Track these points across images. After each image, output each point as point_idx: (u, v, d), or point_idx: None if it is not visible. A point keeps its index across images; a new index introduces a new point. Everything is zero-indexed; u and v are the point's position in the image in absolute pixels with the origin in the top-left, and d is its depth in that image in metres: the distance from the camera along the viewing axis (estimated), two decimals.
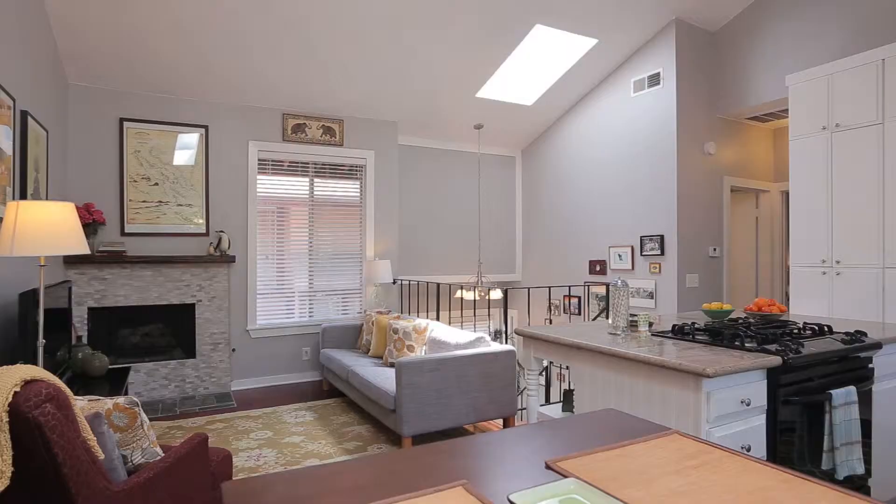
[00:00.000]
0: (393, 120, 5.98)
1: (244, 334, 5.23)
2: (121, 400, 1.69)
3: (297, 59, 4.66)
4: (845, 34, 4.24)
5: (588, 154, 6.01)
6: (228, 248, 4.97)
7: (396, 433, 3.66)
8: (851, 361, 2.28)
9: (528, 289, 5.24)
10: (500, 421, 4.01)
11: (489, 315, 5.38)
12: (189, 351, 4.92)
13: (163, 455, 1.74)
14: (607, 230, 5.75)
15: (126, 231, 4.72)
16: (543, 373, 5.41)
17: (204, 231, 5.02)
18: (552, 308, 6.43)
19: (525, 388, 2.71)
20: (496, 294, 5.33)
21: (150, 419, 4.20)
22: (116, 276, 4.59)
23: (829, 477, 2.14)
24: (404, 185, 6.42)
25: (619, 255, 5.55)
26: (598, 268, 5.84)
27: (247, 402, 4.69)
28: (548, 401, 4.94)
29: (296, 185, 5.55)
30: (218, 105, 5.11)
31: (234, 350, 5.16)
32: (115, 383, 3.45)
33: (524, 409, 4.79)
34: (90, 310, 4.50)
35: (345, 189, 5.80)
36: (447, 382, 3.48)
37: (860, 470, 2.13)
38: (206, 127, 5.04)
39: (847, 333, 2.39)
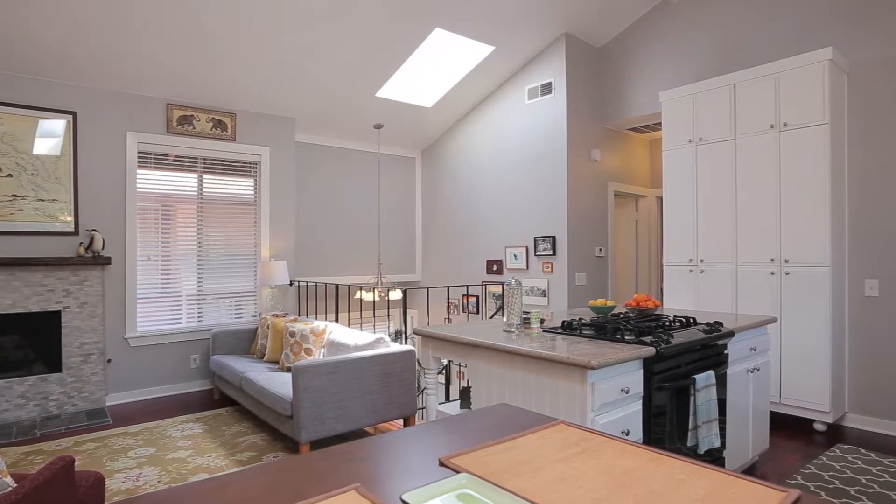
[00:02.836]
0: (290, 116, 5.77)
1: (122, 343, 4.76)
2: None
3: (185, 44, 4.33)
4: (707, 58, 4.77)
5: (486, 157, 6.20)
6: (102, 248, 4.50)
7: (294, 440, 3.54)
8: (711, 349, 2.57)
9: (428, 289, 5.30)
10: (401, 421, 4.02)
11: (389, 316, 5.37)
12: (53, 364, 4.38)
13: (15, 486, 1.54)
14: (504, 231, 5.97)
15: None
16: (443, 371, 5.50)
17: (72, 230, 4.50)
18: (451, 307, 6.56)
19: (425, 388, 2.74)
20: (396, 294, 5.33)
21: (1, 445, 3.69)
22: None
23: (693, 452, 2.39)
24: (302, 183, 6.22)
25: (515, 256, 5.80)
26: (495, 267, 6.06)
27: (125, 418, 4.28)
28: (447, 399, 5.03)
29: (182, 182, 5.16)
30: (90, 90, 4.61)
31: (109, 361, 4.68)
32: None
33: (424, 408, 4.83)
34: None
35: (237, 187, 5.50)
36: (346, 385, 3.42)
37: (717, 444, 2.40)
38: (74, 113, 4.52)
39: (707, 324, 2.68)
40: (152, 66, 4.52)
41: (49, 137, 4.42)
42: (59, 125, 4.46)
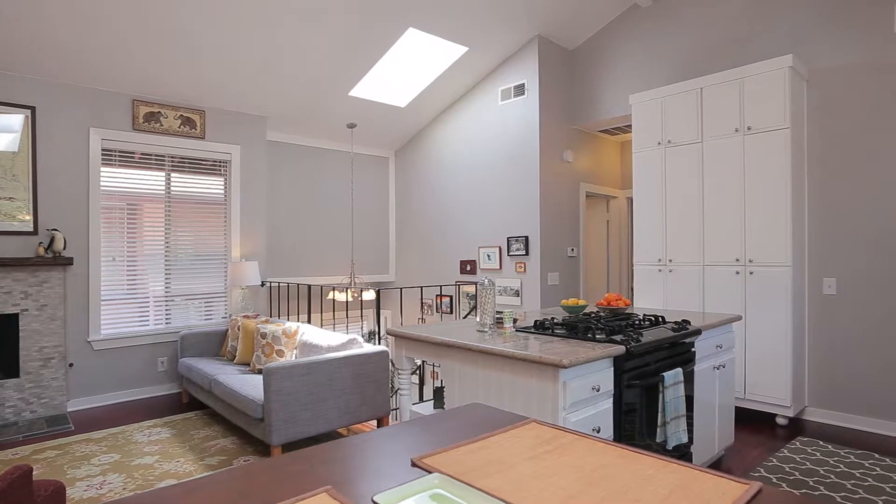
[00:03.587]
0: (261, 115, 5.67)
1: (85, 346, 4.61)
2: None
3: (153, 38, 4.22)
4: (676, 62, 4.88)
5: (459, 157, 6.22)
6: (64, 248, 4.35)
7: (265, 443, 3.48)
8: (679, 346, 2.63)
9: (401, 289, 5.29)
10: (375, 422, 4.00)
11: (362, 316, 5.34)
12: (10, 370, 4.21)
13: None
14: (477, 231, 6.00)
15: None
16: (417, 372, 5.50)
17: (31, 229, 4.34)
18: (425, 308, 6.56)
19: (399, 388, 2.73)
20: (369, 295, 5.31)
21: None
22: None
23: (662, 448, 2.45)
24: (274, 182, 6.12)
25: (488, 256, 5.83)
26: (468, 268, 6.08)
27: (88, 424, 4.15)
28: (421, 399, 5.02)
29: (149, 180, 5.02)
30: (50, 84, 4.45)
31: (71, 365, 4.53)
32: None
33: (398, 409, 4.83)
34: None
35: (207, 185, 5.38)
36: (319, 386, 3.39)
37: (685, 439, 2.46)
38: (32, 108, 4.36)
39: (676, 323, 2.75)
40: (117, 61, 4.39)
41: (6, 133, 4.24)
42: (16, 120, 4.29)
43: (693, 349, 2.75)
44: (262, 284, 5.65)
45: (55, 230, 4.34)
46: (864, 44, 3.83)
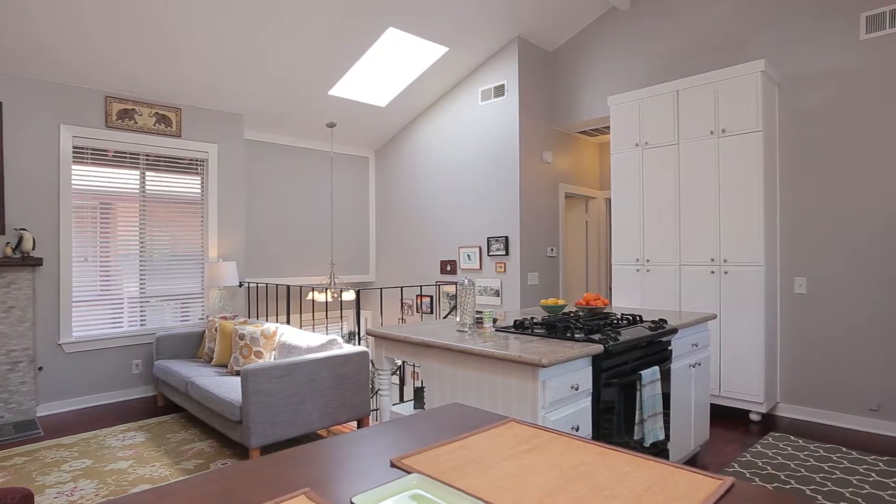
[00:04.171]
0: (239, 112, 5.60)
1: (55, 349, 4.49)
2: None
3: (127, 33, 4.12)
4: (653, 65, 4.95)
5: (439, 157, 6.22)
6: (33, 248, 4.23)
7: (244, 446, 3.44)
8: (656, 345, 2.67)
9: (381, 289, 5.27)
10: (355, 423, 3.97)
11: (342, 317, 5.30)
12: None
13: None
14: (457, 231, 6.01)
15: None
16: (397, 372, 5.48)
17: None
18: (405, 308, 6.55)
19: (379, 389, 2.72)
20: (349, 295, 5.27)
21: None
22: None
23: (639, 445, 2.48)
24: (252, 182, 6.05)
25: (469, 256, 5.84)
26: (448, 268, 6.08)
27: (58, 429, 4.04)
28: (402, 400, 5.02)
29: (123, 179, 4.91)
30: (18, 78, 4.32)
31: (40, 369, 4.41)
32: None
33: (378, 409, 4.81)
34: None
35: (183, 184, 5.29)
36: (298, 388, 3.36)
37: (662, 436, 2.50)
38: None
39: (653, 321, 2.79)
40: (90, 56, 4.29)
41: None
42: None
43: (670, 348, 2.80)
44: (241, 285, 5.57)
45: (23, 230, 4.22)
46: (833, 50, 3.94)
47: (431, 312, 6.23)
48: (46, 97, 4.46)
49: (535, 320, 2.76)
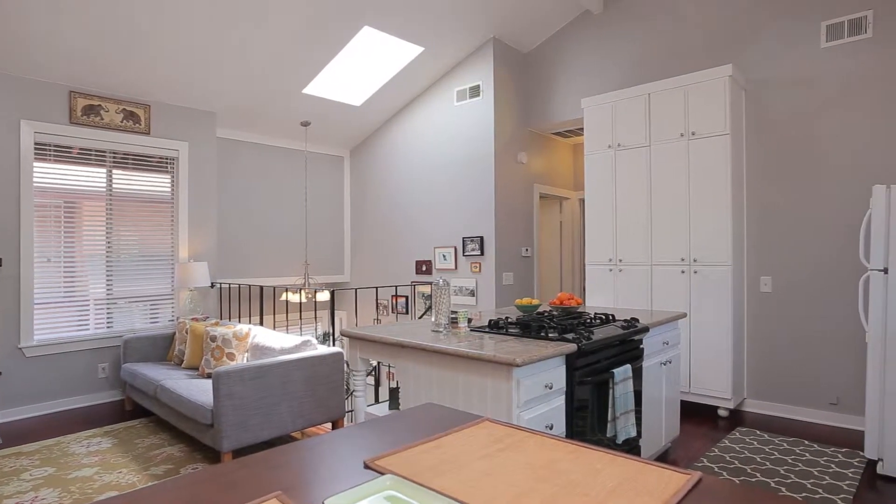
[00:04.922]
0: (211, 110, 5.49)
1: (15, 353, 4.33)
2: None
3: (93, 26, 4.00)
4: (626, 68, 5.04)
5: (415, 157, 6.21)
6: None
7: (216, 450, 3.37)
8: (628, 344, 2.72)
9: (356, 289, 5.24)
10: (330, 425, 3.94)
11: (316, 318, 5.26)
12: None
13: None
14: (433, 231, 6.01)
15: None
16: (372, 373, 5.46)
17: None
18: (380, 308, 6.52)
19: (354, 390, 2.70)
20: (323, 296, 5.23)
21: None
22: None
23: (612, 442, 2.52)
24: (224, 181, 5.94)
25: (444, 256, 5.85)
26: (424, 268, 6.08)
27: (18, 437, 3.90)
28: (377, 400, 4.99)
29: (89, 177, 4.77)
30: None
31: None
32: None
33: (352, 410, 4.78)
34: None
35: (152, 183, 5.16)
36: (271, 390, 3.31)
37: (634, 433, 2.55)
38: None
39: (625, 320, 2.84)
40: (53, 49, 4.15)
41: None
42: None
43: (641, 346, 2.85)
44: (212, 286, 5.47)
45: None
46: (797, 58, 4.07)
47: (407, 313, 6.22)
48: (6, 91, 4.30)
49: (509, 320, 2.78)
